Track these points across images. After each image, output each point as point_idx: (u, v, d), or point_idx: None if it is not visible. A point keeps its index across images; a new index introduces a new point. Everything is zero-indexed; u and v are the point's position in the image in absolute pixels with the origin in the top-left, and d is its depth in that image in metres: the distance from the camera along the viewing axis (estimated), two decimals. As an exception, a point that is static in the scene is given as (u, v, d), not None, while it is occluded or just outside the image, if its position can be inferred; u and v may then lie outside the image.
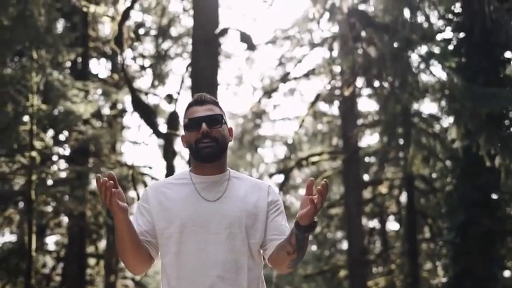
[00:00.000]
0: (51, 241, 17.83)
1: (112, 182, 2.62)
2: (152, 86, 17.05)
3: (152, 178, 15.02)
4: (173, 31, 17.22)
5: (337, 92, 18.45)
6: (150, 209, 2.87)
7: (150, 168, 18.77)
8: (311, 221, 2.66)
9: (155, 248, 2.87)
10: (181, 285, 2.80)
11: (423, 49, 11.34)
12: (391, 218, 21.39)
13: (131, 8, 12.85)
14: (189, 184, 2.90)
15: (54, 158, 14.93)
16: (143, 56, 17.90)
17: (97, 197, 15.44)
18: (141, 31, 17.48)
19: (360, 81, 16.52)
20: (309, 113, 17.61)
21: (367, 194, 20.30)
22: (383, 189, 19.38)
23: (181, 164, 18.53)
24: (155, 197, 2.89)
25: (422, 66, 11.39)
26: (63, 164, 15.69)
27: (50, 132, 14.02)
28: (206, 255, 2.77)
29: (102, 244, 17.61)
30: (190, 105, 2.95)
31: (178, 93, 13.02)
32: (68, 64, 15.70)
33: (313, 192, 2.64)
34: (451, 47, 13.12)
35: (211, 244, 2.78)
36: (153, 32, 17.50)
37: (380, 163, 18.10)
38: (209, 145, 2.83)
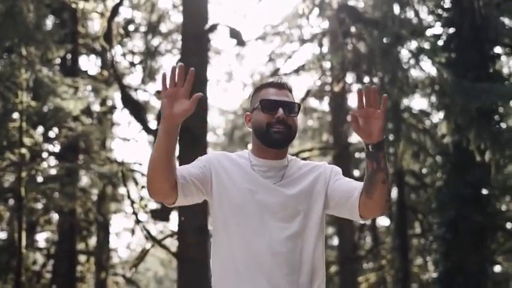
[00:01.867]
0: (41, 238, 17.78)
1: (182, 79, 2.55)
2: (142, 82, 17.00)
3: (143, 175, 14.98)
4: (163, 27, 17.18)
5: (327, 87, 18.47)
6: (210, 172, 2.79)
7: (140, 164, 18.72)
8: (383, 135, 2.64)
9: (185, 191, 2.71)
10: (237, 260, 2.72)
11: (413, 44, 11.36)
12: (381, 213, 21.40)
13: (120, 4, 12.80)
14: (248, 166, 2.82)
15: (44, 154, 14.88)
16: (133, 53, 17.86)
17: (86, 193, 15.43)
18: (131, 27, 17.42)
19: (350, 77, 16.54)
20: (299, 108, 17.57)
21: (357, 189, 20.29)
22: (373, 184, 19.37)
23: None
24: (219, 166, 2.81)
25: (412, 61, 11.41)
26: (53, 160, 15.64)
27: (40, 129, 13.97)
28: (260, 235, 2.72)
29: (92, 241, 17.56)
30: (265, 86, 2.88)
31: (168, 90, 12.94)
32: (58, 61, 15.63)
33: (366, 103, 2.66)
34: (440, 43, 13.15)
35: (266, 226, 2.73)
36: (143, 29, 17.44)
37: (370, 159, 18.10)
38: (282, 131, 2.76)
